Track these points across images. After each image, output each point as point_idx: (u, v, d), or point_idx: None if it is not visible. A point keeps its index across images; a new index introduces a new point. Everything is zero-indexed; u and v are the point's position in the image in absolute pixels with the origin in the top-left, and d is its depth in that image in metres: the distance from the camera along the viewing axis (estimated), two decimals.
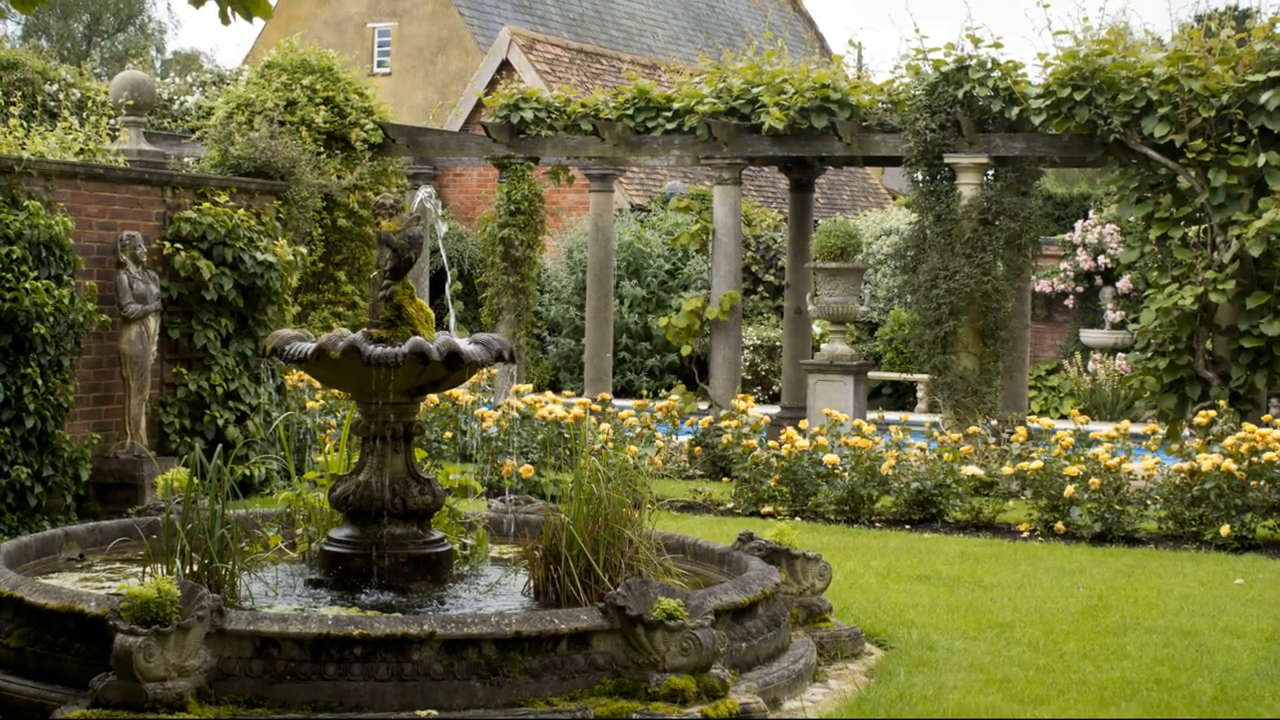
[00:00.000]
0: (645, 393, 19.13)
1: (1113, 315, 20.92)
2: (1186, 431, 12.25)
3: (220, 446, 7.33)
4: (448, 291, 8.20)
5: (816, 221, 16.78)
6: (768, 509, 11.55)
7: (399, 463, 7.08)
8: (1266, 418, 11.69)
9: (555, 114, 15.47)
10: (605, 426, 12.46)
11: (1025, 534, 10.90)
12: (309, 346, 6.91)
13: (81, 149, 11.76)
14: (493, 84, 23.47)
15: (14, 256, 9.90)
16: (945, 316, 13.54)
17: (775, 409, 17.11)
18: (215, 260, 11.70)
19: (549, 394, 13.40)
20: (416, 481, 7.09)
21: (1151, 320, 12.77)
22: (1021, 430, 11.95)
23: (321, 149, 15.26)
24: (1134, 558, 10.02)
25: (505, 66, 24.53)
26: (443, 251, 9.54)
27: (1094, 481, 10.67)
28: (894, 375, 20.69)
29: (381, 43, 29.60)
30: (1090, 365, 20.60)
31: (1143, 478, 11.30)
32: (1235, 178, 12.46)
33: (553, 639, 5.75)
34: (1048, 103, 13.05)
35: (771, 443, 12.03)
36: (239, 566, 6.64)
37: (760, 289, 22.65)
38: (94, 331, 10.74)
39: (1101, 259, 21.15)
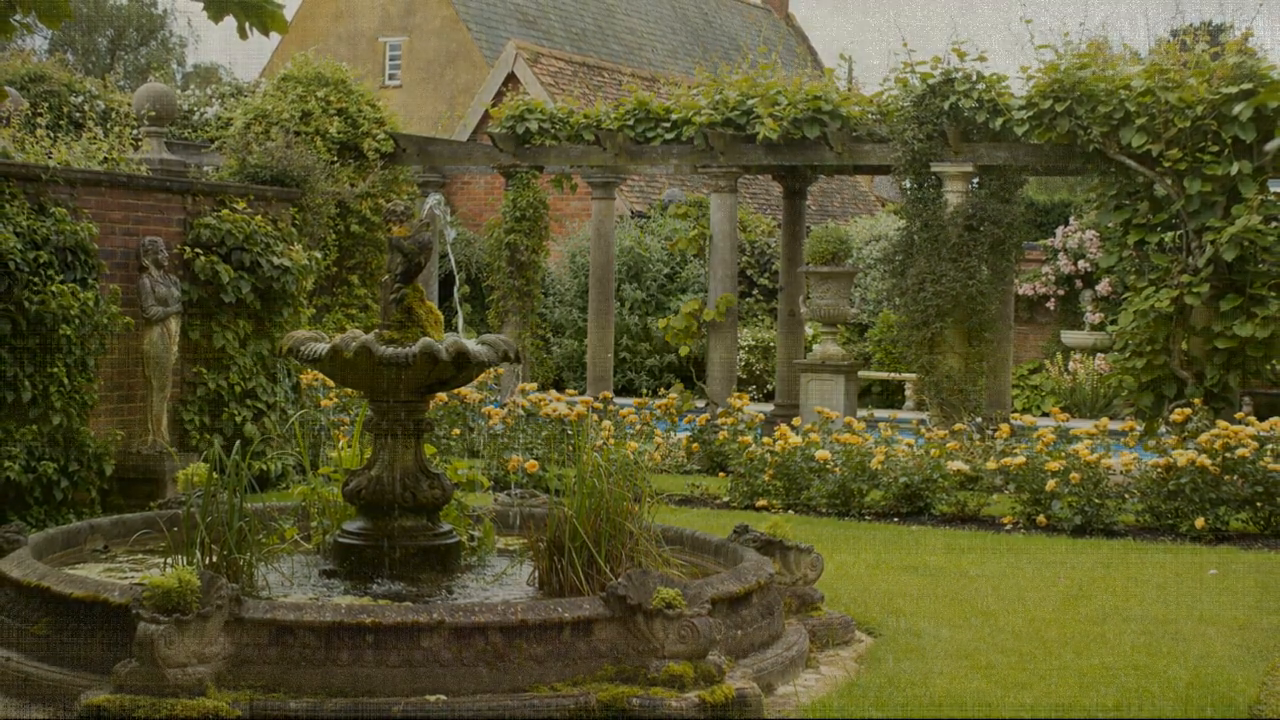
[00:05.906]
0: (645, 391, 19.29)
1: (1092, 317, 21.02)
2: (1163, 428, 12.36)
3: (238, 443, 7.41)
4: (456, 294, 8.34)
5: (809, 227, 17.01)
6: (762, 502, 11.65)
7: (409, 458, 7.16)
8: (1239, 415, 11.78)
9: (559, 124, 15.65)
10: (606, 424, 12.56)
11: (1008, 526, 11.02)
12: (323, 347, 7.01)
13: (106, 158, 11.90)
14: (499, 96, 23.58)
15: (41, 261, 10.06)
16: (932, 318, 13.74)
17: (769, 407, 17.27)
18: (234, 264, 11.82)
19: (553, 392, 13.49)
20: (426, 476, 7.17)
21: (1129, 322, 12.95)
22: (1005, 427, 12.01)
23: (335, 158, 15.40)
24: (1112, 549, 10.13)
25: (511, 79, 24.68)
26: (451, 256, 9.65)
27: (1074, 476, 10.76)
28: (883, 374, 20.77)
29: (393, 56, 29.85)
30: (1071, 365, 20.70)
31: (1121, 473, 11.38)
32: (1210, 185, 12.64)
33: (556, 627, 5.82)
34: (1030, 114, 13.23)
35: (766, 439, 12.16)
36: (256, 558, 6.72)
37: (755, 292, 22.80)
38: (117, 333, 10.85)
39: (1081, 263, 21.31)
